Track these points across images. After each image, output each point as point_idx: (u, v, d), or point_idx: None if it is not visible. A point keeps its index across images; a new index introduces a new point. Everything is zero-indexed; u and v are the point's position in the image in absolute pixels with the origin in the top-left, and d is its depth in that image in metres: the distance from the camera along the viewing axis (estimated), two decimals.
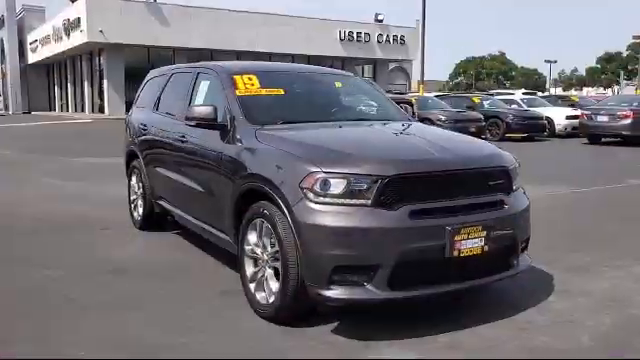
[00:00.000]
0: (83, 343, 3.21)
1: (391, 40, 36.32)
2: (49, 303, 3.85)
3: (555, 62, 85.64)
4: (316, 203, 3.17)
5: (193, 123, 4.19)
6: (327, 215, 3.14)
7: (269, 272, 3.53)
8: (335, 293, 3.14)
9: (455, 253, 3.22)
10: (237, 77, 4.44)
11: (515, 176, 3.70)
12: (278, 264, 3.40)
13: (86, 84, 35.18)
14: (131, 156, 6.05)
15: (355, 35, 35.04)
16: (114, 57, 30.94)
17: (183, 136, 4.68)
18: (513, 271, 3.62)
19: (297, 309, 3.40)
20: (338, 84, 4.95)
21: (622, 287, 4.21)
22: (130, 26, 28.98)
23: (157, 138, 5.33)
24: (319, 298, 3.20)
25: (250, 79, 4.44)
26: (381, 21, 35.90)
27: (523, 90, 31.34)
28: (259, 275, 3.62)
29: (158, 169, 5.30)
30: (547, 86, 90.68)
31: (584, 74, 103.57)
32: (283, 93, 4.50)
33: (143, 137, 5.64)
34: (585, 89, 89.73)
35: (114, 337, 3.31)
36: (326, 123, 4.17)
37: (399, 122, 4.50)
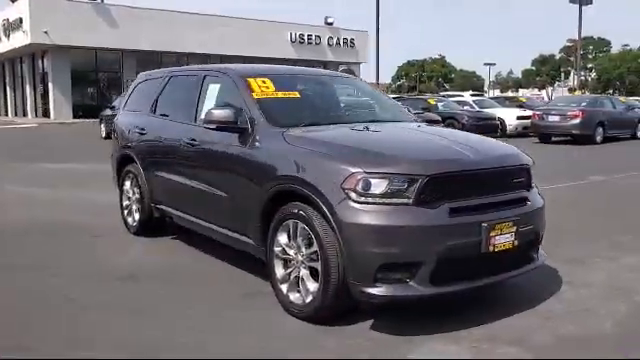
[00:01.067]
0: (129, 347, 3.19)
1: (341, 43, 36.74)
2: (69, 312, 3.77)
3: (494, 65, 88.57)
4: (359, 203, 3.26)
5: (213, 126, 4.18)
6: (371, 214, 3.23)
7: (304, 272, 3.58)
8: (380, 290, 3.23)
9: (490, 248, 3.38)
10: (251, 80, 4.47)
11: (532, 174, 3.90)
12: (316, 264, 3.46)
13: (28, 87, 33.86)
14: (124, 160, 5.93)
15: (306, 37, 35.27)
16: (60, 59, 29.94)
17: (194, 139, 4.66)
18: (535, 264, 3.82)
19: (337, 308, 3.47)
20: (347, 87, 5.05)
21: (620, 277, 4.48)
22: (76, 27, 28.11)
23: (160, 142, 5.27)
24: (363, 296, 3.29)
25: (264, 82, 4.47)
26: (331, 24, 36.26)
27: (471, 92, 32.31)
28: (292, 276, 3.67)
29: (160, 173, 5.24)
30: (485, 88, 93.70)
31: (520, 76, 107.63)
32: (299, 96, 4.56)
33: (141, 141, 5.55)
34: (521, 90, 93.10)
35: (159, 343, 3.30)
36: (346, 125, 4.25)
37: (411, 123, 4.65)
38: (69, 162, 12.55)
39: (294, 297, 3.66)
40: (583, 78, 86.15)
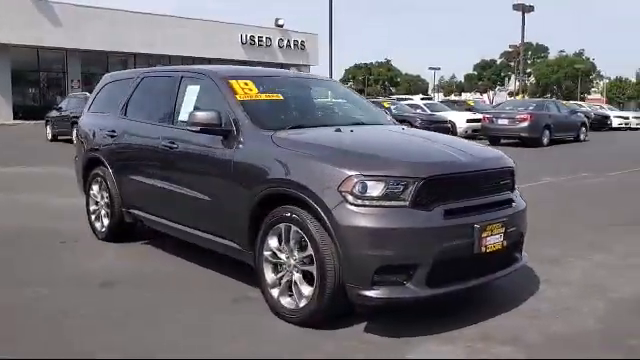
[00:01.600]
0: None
1: (292, 45, 36.76)
2: (52, 323, 3.61)
3: (439, 69, 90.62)
4: (356, 206, 3.26)
5: (197, 128, 4.09)
6: (368, 217, 3.23)
7: (297, 276, 3.55)
8: (377, 293, 3.24)
9: (482, 249, 3.45)
10: (233, 82, 4.40)
11: (515, 176, 4.01)
12: (310, 268, 3.44)
13: None
14: (91, 164, 5.73)
15: (257, 39, 35.09)
16: None
17: (172, 142, 4.55)
18: (519, 264, 3.91)
19: (332, 311, 3.45)
20: (326, 89, 5.04)
21: (594, 275, 4.66)
22: (17, 25, 26.98)
23: (133, 144, 5.11)
24: (360, 299, 3.29)
25: (246, 84, 4.41)
26: (281, 26, 36.21)
27: (421, 95, 32.93)
28: (284, 280, 3.63)
29: (134, 176, 5.08)
30: (429, 92, 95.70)
31: (462, 80, 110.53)
32: (282, 98, 4.52)
33: (112, 144, 5.38)
34: (464, 94, 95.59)
35: (154, 348, 3.20)
36: (331, 127, 4.24)
37: (393, 125, 4.69)
38: (19, 165, 12.02)
39: (285, 301, 3.62)
40: (523, 83, 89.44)
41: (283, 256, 3.64)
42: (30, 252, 5.24)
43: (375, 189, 3.27)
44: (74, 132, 17.39)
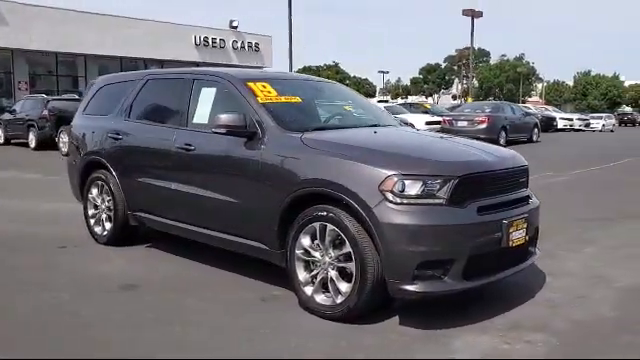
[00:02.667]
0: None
1: (246, 47, 36.55)
2: (89, 329, 3.58)
3: (388, 72, 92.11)
4: (396, 204, 3.39)
5: (223, 131, 4.13)
6: (409, 215, 3.37)
7: (334, 273, 3.65)
8: (418, 287, 3.39)
9: (509, 244, 3.65)
10: (252, 84, 4.46)
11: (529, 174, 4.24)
12: (348, 264, 3.55)
13: None
14: (90, 167, 5.64)
15: (210, 41, 34.70)
16: None
17: (189, 144, 4.55)
18: (535, 257, 4.14)
19: (370, 306, 3.57)
20: (334, 92, 5.16)
21: (592, 266, 4.95)
22: None
23: (141, 147, 5.07)
24: (401, 293, 3.43)
25: (265, 87, 4.48)
26: (235, 27, 35.96)
27: (378, 98, 33.35)
28: (318, 278, 3.72)
29: (142, 179, 5.04)
30: (377, 95, 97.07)
31: (408, 84, 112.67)
32: (300, 101, 4.61)
33: (116, 146, 5.31)
34: (410, 97, 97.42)
35: (198, 347, 3.23)
36: (353, 128, 4.35)
37: (406, 127, 4.86)
38: None
39: (320, 298, 3.72)
40: (466, 86, 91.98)
41: (317, 254, 3.73)
42: (32, 257, 5.12)
43: (413, 188, 3.42)
44: (30, 135, 16.88)
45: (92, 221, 5.68)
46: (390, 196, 3.40)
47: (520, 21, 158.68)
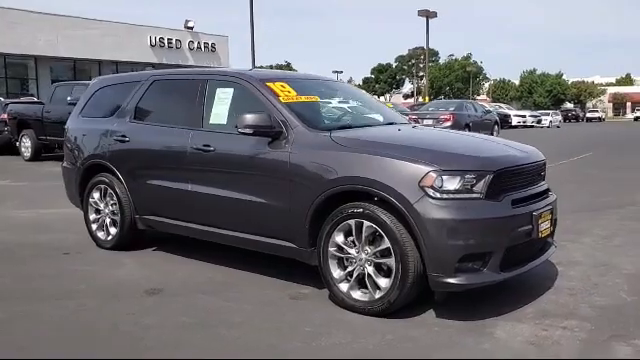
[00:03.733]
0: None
1: (202, 47, 36.18)
2: (130, 334, 3.52)
3: (342, 72, 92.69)
4: (436, 199, 3.48)
5: (250, 131, 4.12)
6: (450, 209, 3.47)
7: (370, 269, 3.71)
8: (460, 280, 3.49)
9: (539, 235, 3.80)
10: (271, 84, 4.47)
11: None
12: (387, 260, 3.61)
13: None
14: (92, 171, 5.51)
15: (166, 41, 34.19)
16: None
17: (207, 145, 4.52)
18: (554, 248, 4.30)
19: (408, 301, 3.65)
20: (345, 91, 5.22)
21: (595, 255, 5.17)
22: None
23: (152, 149, 4.99)
24: (442, 286, 3.52)
25: (283, 87, 4.50)
26: (191, 28, 35.53)
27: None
28: (355, 274, 3.77)
29: (153, 181, 4.97)
30: None
31: (361, 83, 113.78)
32: (319, 100, 4.64)
33: (123, 149, 5.20)
34: None
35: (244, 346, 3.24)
36: (376, 127, 4.41)
37: (419, 125, 4.95)
38: None
39: (357, 294, 3.77)
40: (417, 85, 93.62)
41: (352, 251, 3.78)
42: (41, 265, 4.97)
43: (452, 183, 3.51)
44: None
45: (94, 226, 5.55)
46: (431, 192, 3.48)
47: (466, 22, 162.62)
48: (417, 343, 3.34)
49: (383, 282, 3.65)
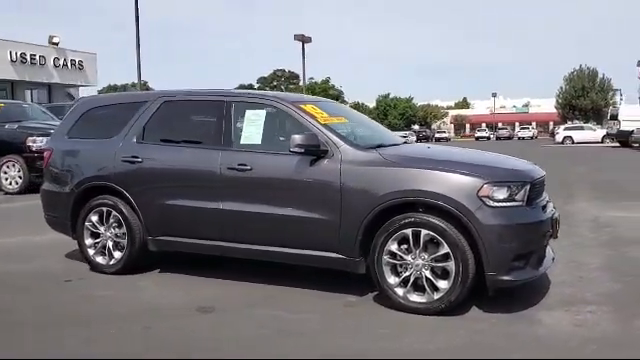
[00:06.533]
0: None
1: (69, 64, 34.06)
2: (215, 351, 3.59)
3: None
4: (492, 208, 4.01)
5: (301, 150, 4.35)
6: (504, 216, 4.01)
7: (427, 273, 4.12)
8: (512, 277, 4.03)
9: (556, 235, 4.48)
10: (304, 107, 4.75)
11: None
12: (445, 264, 4.05)
13: None
14: (90, 193, 5.31)
15: (29, 57, 31.71)
16: None
17: (243, 164, 4.65)
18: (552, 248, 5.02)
19: (464, 299, 4.12)
20: (353, 112, 5.63)
21: (572, 253, 5.86)
22: None
23: (175, 168, 4.99)
24: (498, 283, 4.04)
25: (314, 109, 4.79)
26: (57, 44, 33.36)
27: None
28: (412, 279, 4.16)
29: (174, 202, 4.94)
30: None
31: None
32: (347, 121, 4.99)
33: (134, 169, 5.10)
34: None
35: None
36: (405, 145, 4.87)
37: (429, 143, 5.49)
38: None
39: (414, 297, 4.16)
40: None
41: (408, 257, 4.17)
42: (55, 293, 4.72)
43: (501, 193, 4.06)
44: None
45: (91, 251, 5.33)
46: (488, 201, 4.00)
47: (325, 47, 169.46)
48: (484, 334, 3.79)
49: (442, 284, 4.08)
